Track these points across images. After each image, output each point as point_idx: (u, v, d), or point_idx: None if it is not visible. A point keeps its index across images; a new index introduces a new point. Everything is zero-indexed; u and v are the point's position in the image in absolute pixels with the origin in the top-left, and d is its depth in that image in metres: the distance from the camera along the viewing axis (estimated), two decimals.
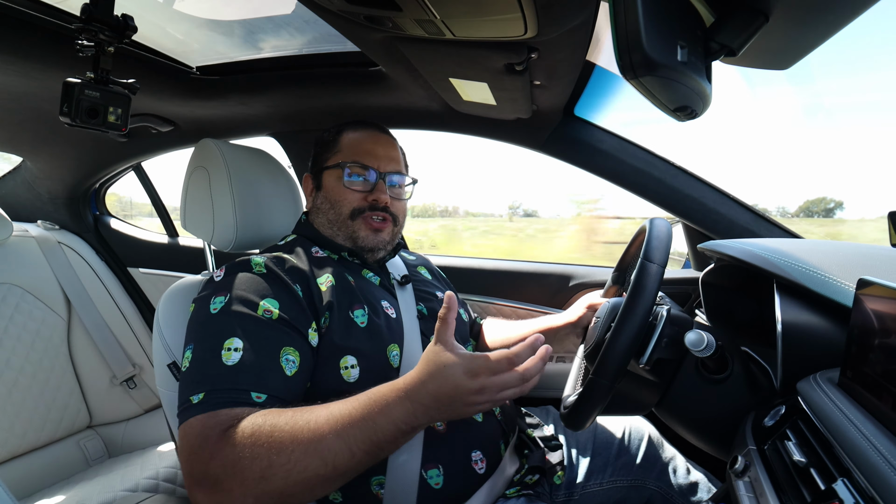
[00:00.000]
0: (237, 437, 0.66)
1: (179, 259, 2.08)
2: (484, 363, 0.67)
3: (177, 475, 1.47)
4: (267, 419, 0.68)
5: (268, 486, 0.64)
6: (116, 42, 0.87)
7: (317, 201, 1.06)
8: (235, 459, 0.65)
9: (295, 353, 0.80)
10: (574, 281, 1.57)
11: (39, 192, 1.98)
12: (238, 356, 0.75)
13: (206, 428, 0.68)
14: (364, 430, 0.66)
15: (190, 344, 0.80)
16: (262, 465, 0.64)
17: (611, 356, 0.74)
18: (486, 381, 0.66)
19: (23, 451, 1.56)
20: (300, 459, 0.64)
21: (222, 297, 0.82)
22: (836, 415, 0.50)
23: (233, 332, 0.78)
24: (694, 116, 0.68)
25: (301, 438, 0.65)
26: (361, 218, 1.01)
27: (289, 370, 0.78)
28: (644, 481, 1.05)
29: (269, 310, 0.81)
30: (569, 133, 1.37)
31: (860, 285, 0.54)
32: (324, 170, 1.05)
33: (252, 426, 0.67)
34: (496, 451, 0.93)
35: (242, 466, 0.64)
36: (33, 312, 1.67)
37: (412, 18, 0.79)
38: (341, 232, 1.02)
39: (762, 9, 0.60)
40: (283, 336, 0.80)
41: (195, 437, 0.69)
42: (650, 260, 0.76)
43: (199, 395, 0.72)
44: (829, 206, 3.24)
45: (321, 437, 0.65)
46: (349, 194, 1.01)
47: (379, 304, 0.95)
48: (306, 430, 0.66)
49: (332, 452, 0.65)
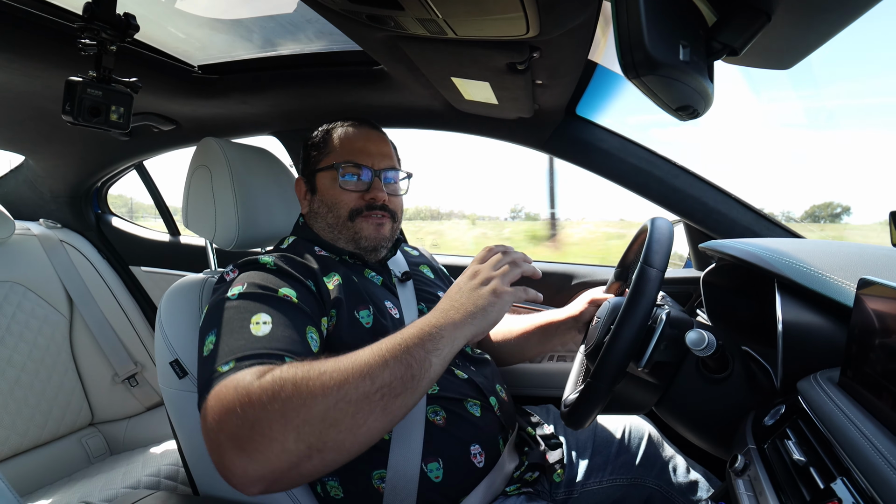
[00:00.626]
0: (273, 378, 0.62)
1: (181, 258, 2.08)
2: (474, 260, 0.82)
3: (178, 472, 1.47)
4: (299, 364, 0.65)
5: (309, 411, 0.59)
6: (119, 41, 0.87)
7: (313, 205, 1.04)
8: (273, 393, 0.60)
9: (316, 334, 0.81)
10: (576, 280, 1.57)
11: (41, 191, 1.99)
12: (268, 328, 0.74)
13: (239, 382, 0.63)
14: (391, 341, 0.68)
15: (213, 329, 0.77)
16: (302, 389, 0.60)
17: (608, 361, 0.75)
18: (475, 264, 0.80)
19: (25, 448, 1.57)
20: (337, 375, 0.62)
21: (240, 286, 0.82)
22: (836, 414, 0.50)
23: (259, 309, 0.77)
24: (696, 116, 0.68)
25: (336, 361, 0.64)
26: (361, 217, 1.00)
27: (314, 346, 0.79)
28: (644, 480, 1.05)
29: (287, 295, 0.81)
30: (570, 132, 1.37)
31: (861, 285, 0.54)
32: (316, 172, 1.03)
33: (287, 369, 0.64)
34: (495, 446, 0.93)
35: (280, 398, 0.60)
36: (35, 311, 1.67)
37: (414, 17, 0.79)
38: (342, 235, 1.01)
39: (764, 8, 0.60)
40: (306, 317, 0.81)
41: (226, 395, 0.63)
42: (650, 265, 0.76)
43: (230, 363, 0.69)
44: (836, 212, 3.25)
45: (355, 356, 0.66)
46: (345, 195, 1.00)
47: (383, 304, 0.96)
48: (341, 358, 0.65)
49: (367, 363, 0.64)
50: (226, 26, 1.15)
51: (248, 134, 1.68)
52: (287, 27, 1.15)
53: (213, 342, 0.75)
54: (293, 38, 1.20)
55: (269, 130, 1.66)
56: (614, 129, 1.37)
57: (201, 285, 1.03)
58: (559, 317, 1.13)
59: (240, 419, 0.60)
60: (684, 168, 1.34)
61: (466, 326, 0.71)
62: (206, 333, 0.78)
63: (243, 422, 0.60)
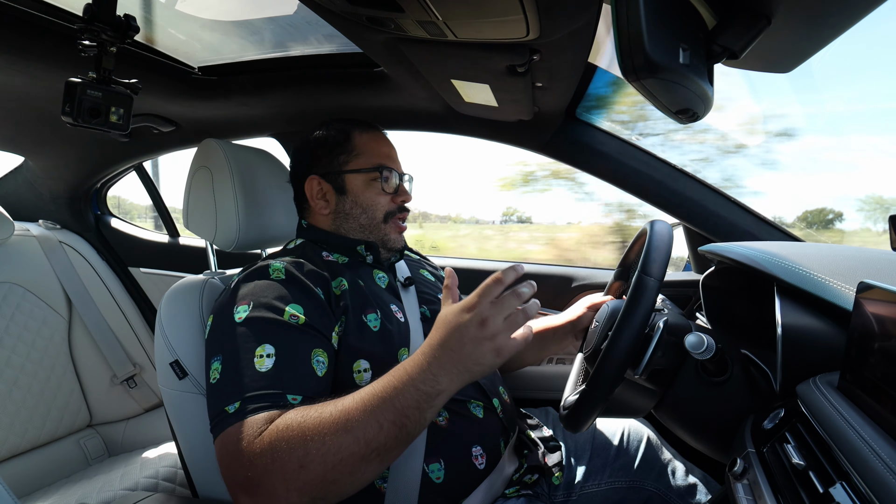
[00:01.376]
0: (272, 435, 0.67)
1: (181, 259, 2.08)
2: (475, 293, 0.69)
3: (176, 474, 1.47)
4: (297, 413, 0.69)
5: (308, 474, 0.64)
6: (119, 42, 0.87)
7: (343, 206, 1.03)
8: (273, 455, 0.65)
9: (324, 355, 0.81)
10: (576, 283, 1.57)
11: (41, 192, 1.99)
12: (271, 362, 0.75)
13: (244, 433, 0.69)
14: (387, 400, 0.67)
15: (218, 355, 0.79)
16: (299, 454, 0.65)
17: (605, 369, 0.75)
18: (484, 309, 0.67)
19: (23, 449, 1.56)
20: (333, 440, 0.65)
21: (245, 305, 0.82)
22: (836, 418, 0.50)
23: (263, 339, 0.78)
24: (695, 119, 0.69)
25: (331, 420, 0.66)
26: (392, 221, 1.04)
27: (320, 371, 0.79)
28: (642, 483, 1.05)
29: (294, 315, 0.81)
30: (570, 135, 1.37)
31: (860, 289, 0.54)
32: (345, 173, 1.02)
33: (284, 421, 0.68)
34: (496, 448, 0.93)
35: (281, 460, 0.65)
36: (34, 312, 1.67)
37: (414, 20, 0.79)
38: (372, 235, 1.03)
39: (764, 12, 0.60)
40: (312, 339, 0.81)
41: (234, 444, 0.69)
42: (647, 273, 0.76)
43: (235, 404, 0.72)
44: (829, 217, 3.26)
45: (348, 415, 0.66)
46: (383, 198, 1.03)
47: (389, 308, 0.96)
48: (335, 413, 0.67)
49: (361, 427, 0.65)
50: (226, 28, 1.15)
51: (247, 135, 1.68)
52: (287, 29, 1.15)
53: (218, 370, 0.77)
54: (293, 39, 1.20)
55: (268, 132, 1.66)
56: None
57: (201, 286, 1.03)
58: (557, 322, 1.13)
59: (246, 472, 0.67)
60: (684, 171, 1.34)
61: (463, 380, 0.69)
62: (212, 356, 0.80)
63: (250, 476, 0.67)
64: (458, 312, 0.69)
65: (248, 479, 0.66)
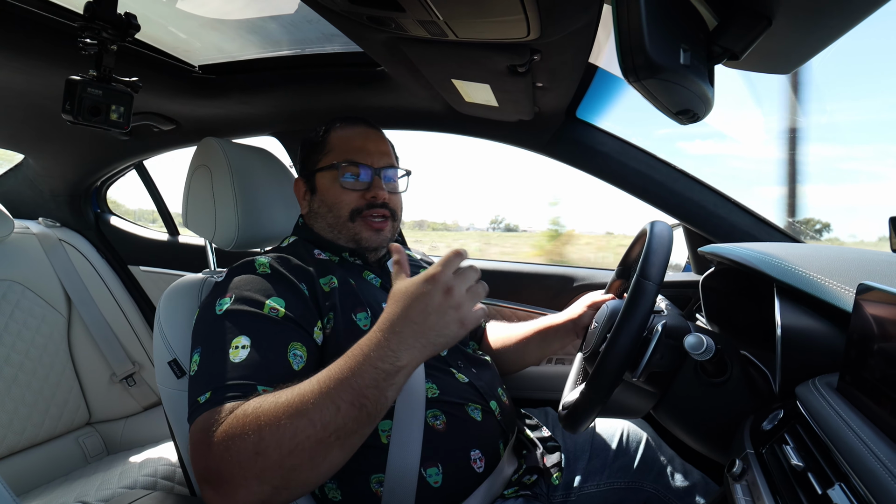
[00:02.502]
0: (230, 423, 0.65)
1: (180, 257, 2.08)
2: (438, 264, 0.68)
3: (175, 473, 1.47)
4: (255, 400, 0.67)
5: (264, 461, 0.62)
6: (119, 40, 0.87)
7: (313, 205, 1.04)
8: (228, 443, 0.64)
9: (302, 349, 0.80)
10: (577, 282, 1.57)
11: (41, 190, 1.99)
12: (246, 353, 0.75)
13: (208, 423, 0.67)
14: (343, 381, 0.64)
15: (197, 348, 0.79)
16: (254, 439, 0.62)
17: (603, 371, 0.75)
18: (449, 279, 0.67)
19: (22, 447, 1.56)
20: (288, 425, 0.62)
21: (227, 298, 0.82)
22: (835, 419, 0.50)
23: (240, 331, 0.77)
24: (696, 120, 0.68)
25: (286, 404, 0.64)
26: (361, 219, 1.00)
27: (296, 364, 0.78)
28: (641, 483, 1.05)
29: (274, 308, 0.81)
30: (571, 135, 1.37)
31: (860, 290, 0.54)
32: (316, 172, 1.03)
33: (242, 409, 0.66)
34: (495, 451, 0.93)
35: (236, 448, 0.63)
36: (34, 309, 1.67)
37: (415, 19, 0.79)
38: (342, 234, 1.01)
39: (765, 13, 0.60)
40: (291, 332, 0.80)
41: (197, 434, 0.68)
42: (646, 277, 0.76)
43: (206, 394, 0.71)
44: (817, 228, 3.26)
45: (304, 399, 0.64)
46: (346, 195, 1.00)
47: (381, 307, 0.95)
48: (291, 397, 0.65)
49: (317, 410, 0.63)
50: (226, 26, 1.15)
51: (247, 134, 1.68)
52: (288, 28, 1.15)
53: (196, 362, 0.77)
54: (294, 38, 1.20)
55: (269, 131, 1.66)
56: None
57: (200, 285, 1.03)
58: (558, 321, 1.13)
59: (206, 462, 0.65)
60: (684, 172, 1.34)
61: (426, 354, 0.67)
62: (193, 348, 0.80)
63: (209, 466, 0.65)
64: (419, 283, 0.67)
65: (208, 468, 0.65)
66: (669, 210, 1.34)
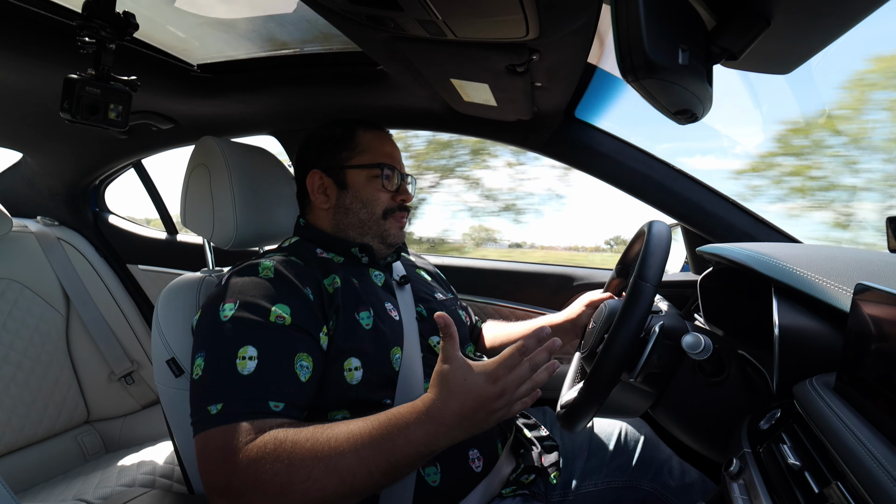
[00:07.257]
0: (259, 452, 0.67)
1: (178, 256, 2.08)
2: (502, 363, 0.67)
3: (173, 471, 1.47)
4: (289, 435, 0.68)
5: (287, 500, 0.65)
6: (118, 39, 0.87)
7: (343, 200, 1.03)
8: (257, 474, 0.66)
9: (308, 359, 0.80)
10: (576, 282, 1.57)
11: (39, 188, 1.98)
12: (253, 365, 0.75)
13: (228, 440, 0.69)
14: (383, 452, 0.66)
15: (201, 351, 0.79)
16: (283, 480, 0.65)
17: (600, 372, 0.76)
18: (505, 381, 0.66)
19: (20, 445, 1.56)
20: (319, 478, 0.65)
21: (232, 303, 0.82)
22: (832, 419, 0.50)
23: (246, 340, 0.77)
24: (694, 120, 0.69)
25: (320, 456, 0.66)
26: (392, 218, 1.04)
27: (303, 376, 0.79)
28: (639, 482, 1.05)
29: (281, 315, 0.81)
30: (569, 135, 1.37)
31: (858, 290, 0.54)
32: (347, 168, 1.03)
33: (274, 441, 0.68)
34: (493, 450, 0.93)
35: (264, 481, 0.65)
36: (32, 308, 1.67)
37: (414, 19, 0.79)
38: (371, 230, 1.03)
39: (764, 13, 0.60)
40: (297, 342, 0.81)
41: (217, 450, 0.70)
42: (643, 279, 0.76)
43: (217, 405, 0.72)
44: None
45: (340, 456, 0.66)
46: (383, 195, 1.03)
47: (383, 306, 0.96)
48: (326, 448, 0.67)
49: (351, 472, 0.65)
50: (225, 26, 1.15)
51: (246, 133, 1.68)
52: (287, 27, 1.15)
53: (201, 366, 0.78)
54: (292, 38, 1.20)
55: (267, 130, 1.66)
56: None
57: (198, 284, 1.03)
58: (556, 320, 1.13)
59: (228, 479, 0.68)
60: (682, 171, 1.34)
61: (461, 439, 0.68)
62: (196, 351, 0.81)
63: (230, 486, 0.68)
64: (480, 379, 0.66)
65: (229, 487, 0.68)
66: (668, 210, 1.35)
